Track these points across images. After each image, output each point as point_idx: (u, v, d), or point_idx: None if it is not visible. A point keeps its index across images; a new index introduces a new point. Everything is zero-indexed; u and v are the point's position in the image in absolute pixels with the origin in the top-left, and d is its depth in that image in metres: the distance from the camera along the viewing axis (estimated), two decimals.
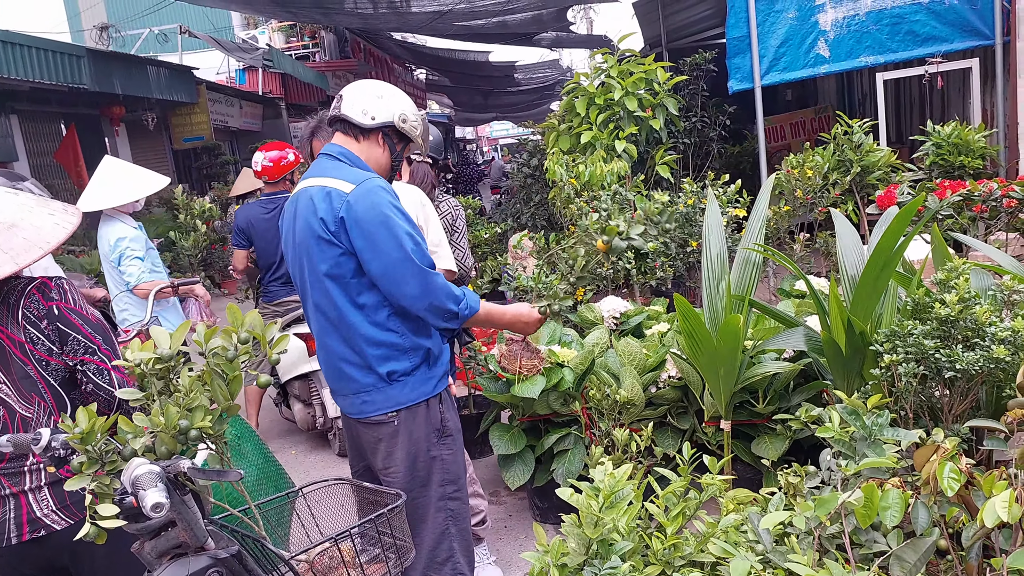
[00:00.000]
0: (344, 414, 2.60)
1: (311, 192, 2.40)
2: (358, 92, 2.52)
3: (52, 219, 2.03)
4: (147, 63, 12.17)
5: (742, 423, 3.54)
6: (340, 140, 2.53)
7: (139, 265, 4.28)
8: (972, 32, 6.82)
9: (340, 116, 2.51)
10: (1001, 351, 2.31)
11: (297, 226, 2.44)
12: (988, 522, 1.43)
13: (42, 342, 2.02)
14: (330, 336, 2.45)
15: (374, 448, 2.51)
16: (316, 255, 2.37)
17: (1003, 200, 4.35)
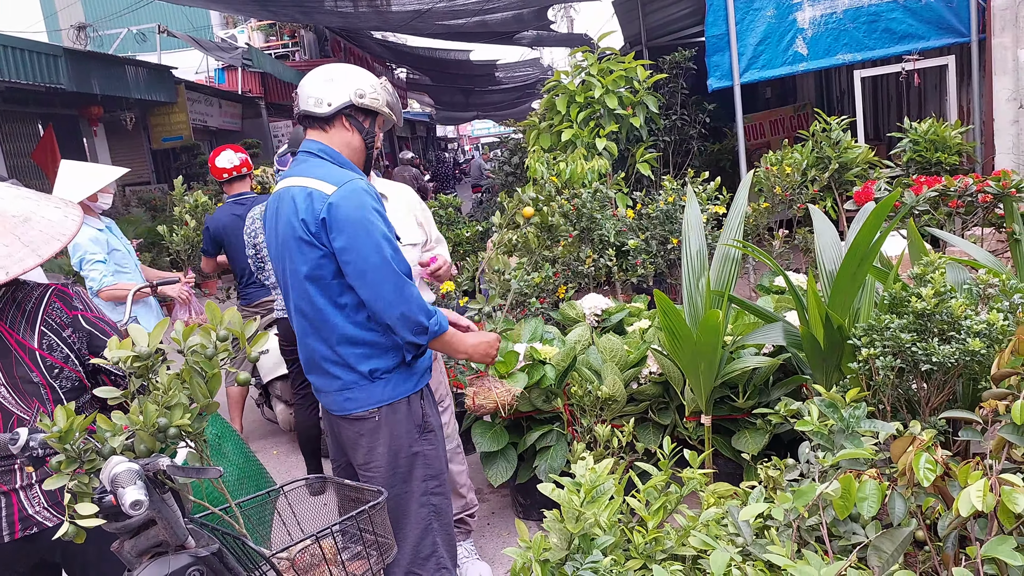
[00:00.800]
0: (326, 412, 2.58)
1: (293, 192, 2.37)
2: (308, 83, 2.47)
3: (60, 211, 2.03)
4: (125, 63, 12.07)
5: (722, 418, 3.56)
6: (313, 135, 2.49)
7: (100, 269, 4.17)
8: (948, 30, 6.90)
9: (300, 113, 2.49)
10: (976, 344, 2.34)
11: (279, 226, 2.41)
12: (963, 512, 1.45)
13: (60, 350, 2.04)
14: (311, 336, 2.44)
15: (355, 444, 2.49)
16: (297, 257, 2.35)
17: (978, 195, 4.40)
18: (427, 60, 19.34)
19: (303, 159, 2.46)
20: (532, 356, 3.62)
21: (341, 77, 2.46)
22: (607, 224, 5.35)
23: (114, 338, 1.65)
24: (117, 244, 4.43)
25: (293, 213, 2.34)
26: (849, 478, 1.66)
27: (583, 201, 5.32)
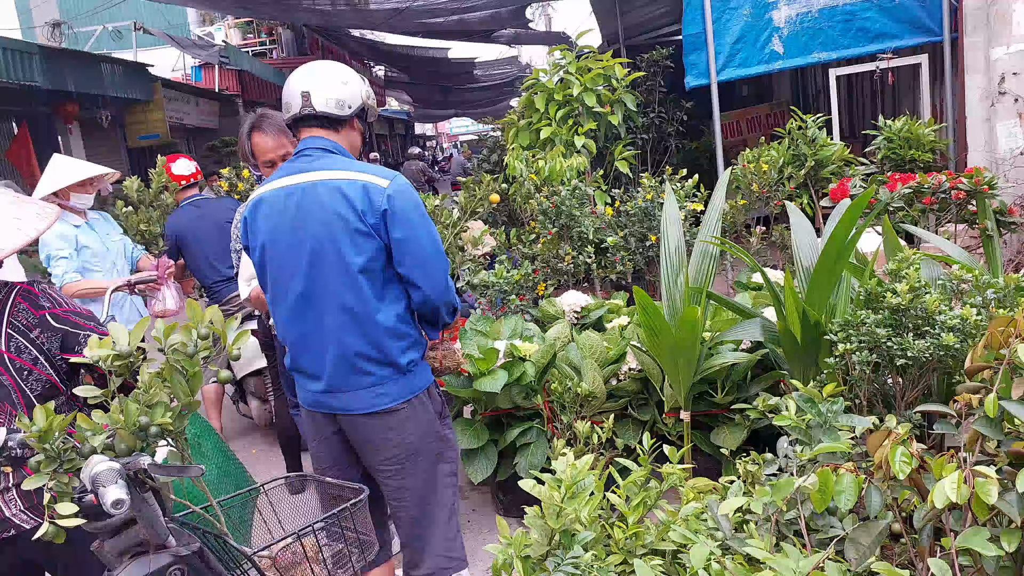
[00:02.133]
0: (336, 415, 2.48)
1: (337, 185, 2.33)
2: (325, 84, 2.42)
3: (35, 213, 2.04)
4: (101, 60, 11.92)
5: (701, 414, 3.58)
6: (320, 133, 2.45)
7: (63, 265, 4.12)
8: (921, 29, 6.98)
9: (316, 114, 2.42)
10: (950, 338, 2.37)
11: (312, 219, 2.35)
12: (938, 504, 1.48)
13: (28, 351, 2.01)
14: (351, 333, 2.38)
15: (380, 440, 2.46)
16: (349, 249, 2.33)
17: (952, 192, 4.46)
18: (405, 58, 19.28)
19: (317, 155, 2.42)
20: (512, 353, 3.63)
21: (351, 78, 2.48)
22: (586, 221, 5.37)
23: (93, 337, 1.64)
24: (91, 242, 4.31)
25: (345, 205, 2.32)
26: (826, 472, 1.68)
27: (562, 199, 5.34)
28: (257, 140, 3.21)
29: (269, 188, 2.44)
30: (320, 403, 2.48)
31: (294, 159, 2.45)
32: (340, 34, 17.21)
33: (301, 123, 2.46)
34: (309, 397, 2.51)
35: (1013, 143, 6.05)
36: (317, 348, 2.42)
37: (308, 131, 2.46)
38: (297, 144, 2.48)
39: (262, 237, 2.43)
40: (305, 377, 2.50)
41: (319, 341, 2.41)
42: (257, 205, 2.45)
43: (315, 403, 2.50)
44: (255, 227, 2.45)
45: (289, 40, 18.83)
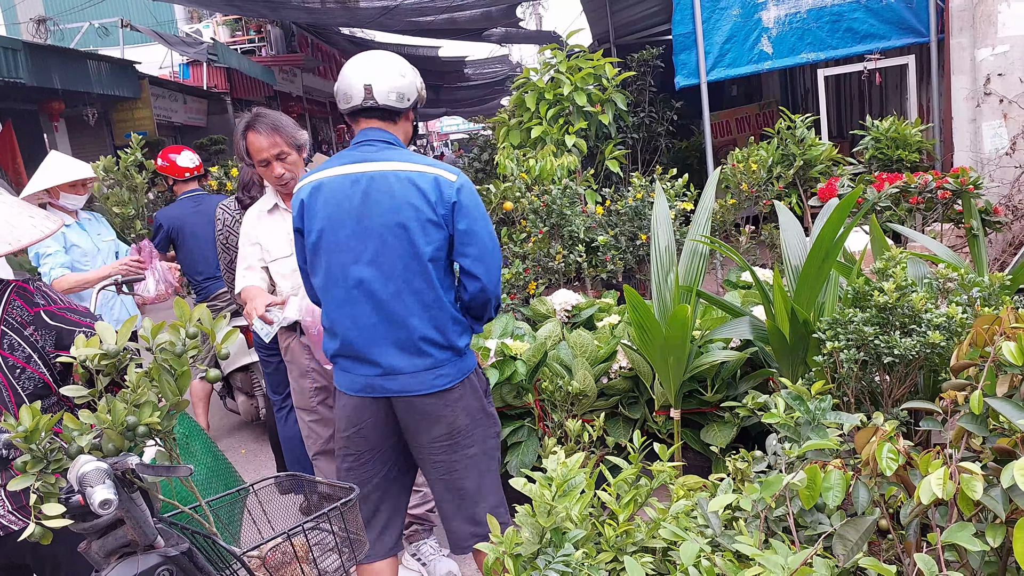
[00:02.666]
0: (390, 398, 2.53)
1: (408, 176, 2.41)
2: (386, 77, 2.48)
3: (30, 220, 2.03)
4: (87, 57, 11.86)
5: (691, 411, 3.60)
6: (379, 124, 2.53)
7: (50, 262, 4.09)
8: (908, 30, 7.02)
9: (378, 106, 2.49)
10: (936, 336, 2.39)
11: (382, 207, 2.41)
12: (924, 499, 1.49)
13: (22, 349, 2.00)
14: (418, 317, 2.46)
15: (435, 419, 2.54)
16: (421, 238, 2.41)
17: (938, 192, 4.48)
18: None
19: (380, 147, 2.48)
20: (503, 352, 3.63)
21: (408, 70, 2.55)
22: (577, 220, 5.38)
23: (80, 336, 1.63)
24: (81, 241, 4.27)
25: (418, 195, 2.40)
26: (814, 469, 1.69)
27: (553, 198, 5.35)
28: (252, 139, 3.20)
29: (329, 174, 2.47)
30: (372, 387, 2.51)
31: (354, 148, 2.51)
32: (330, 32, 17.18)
33: (360, 114, 2.51)
34: (358, 382, 2.52)
35: (998, 143, 6.09)
36: (376, 332, 2.47)
37: (367, 122, 2.52)
38: (358, 133, 2.54)
39: (321, 222, 2.45)
40: (356, 362, 2.51)
41: (381, 326, 2.46)
42: (317, 190, 2.47)
43: (365, 387, 2.52)
44: (313, 211, 2.47)
45: (278, 38, 18.78)
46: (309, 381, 3.37)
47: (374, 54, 2.56)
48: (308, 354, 3.35)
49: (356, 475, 2.60)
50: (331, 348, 2.56)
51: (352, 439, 2.60)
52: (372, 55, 2.56)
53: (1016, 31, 6.03)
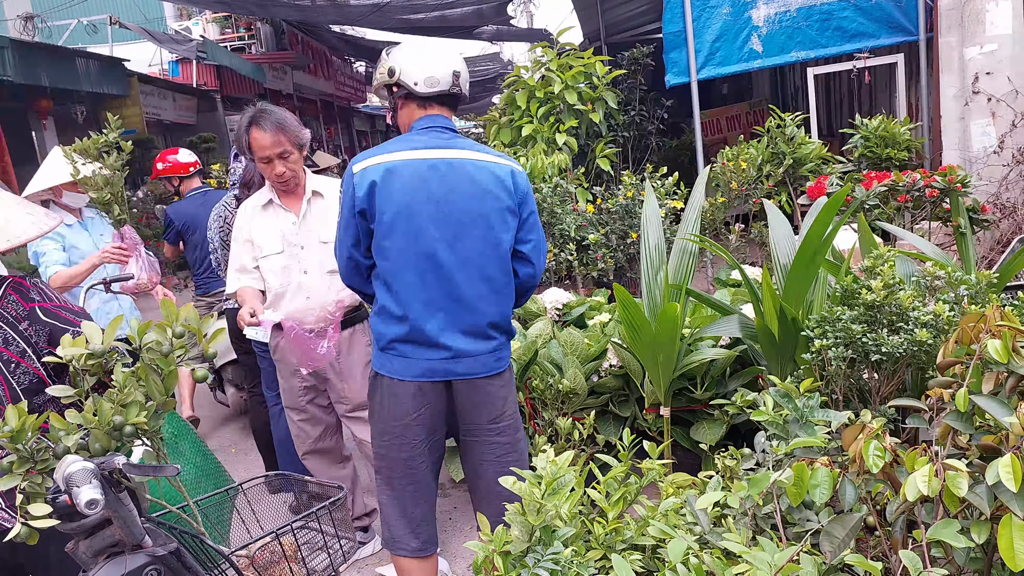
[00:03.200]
0: (452, 381, 2.56)
1: (487, 165, 2.51)
2: (464, 66, 2.56)
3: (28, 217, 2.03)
4: (75, 55, 11.79)
5: (681, 409, 3.60)
6: (447, 112, 2.60)
7: (46, 260, 4.03)
8: (897, 28, 7.05)
9: (461, 93, 2.58)
10: (923, 334, 2.40)
11: (463, 194, 2.46)
12: (910, 496, 1.50)
13: (16, 344, 2.00)
14: (489, 302, 2.53)
15: (494, 399, 2.61)
16: (500, 226, 2.50)
17: (926, 190, 4.51)
18: None
19: (449, 134, 2.54)
20: None
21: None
22: (568, 219, 5.38)
23: (67, 335, 1.62)
24: (81, 242, 4.17)
25: (499, 185, 2.50)
26: (802, 466, 1.69)
27: (544, 196, 5.35)
28: (256, 136, 3.17)
29: (401, 157, 2.47)
30: (435, 371, 2.52)
31: (423, 133, 2.53)
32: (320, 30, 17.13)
33: (434, 99, 2.55)
34: (418, 366, 2.52)
35: (986, 141, 6.12)
36: (449, 317, 2.50)
37: (437, 108, 2.58)
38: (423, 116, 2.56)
39: (397, 205, 2.44)
40: (420, 347, 2.51)
41: (453, 310, 2.50)
42: (390, 172, 2.45)
43: (428, 371, 2.52)
44: (387, 193, 2.44)
45: (268, 35, 18.71)
46: (299, 380, 3.36)
47: (439, 42, 2.63)
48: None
49: (412, 466, 2.61)
50: (394, 333, 2.52)
51: (410, 427, 2.58)
52: (446, 42, 2.63)
53: (1004, 30, 6.06)
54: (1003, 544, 1.41)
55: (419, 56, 2.53)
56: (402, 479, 2.62)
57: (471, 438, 2.65)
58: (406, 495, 2.63)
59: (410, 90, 2.53)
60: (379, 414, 2.61)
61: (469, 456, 2.70)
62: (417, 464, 2.60)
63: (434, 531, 2.73)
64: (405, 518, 2.64)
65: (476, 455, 2.66)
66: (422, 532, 2.67)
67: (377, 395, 2.60)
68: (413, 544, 2.64)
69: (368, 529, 3.61)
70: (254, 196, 3.40)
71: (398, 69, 2.53)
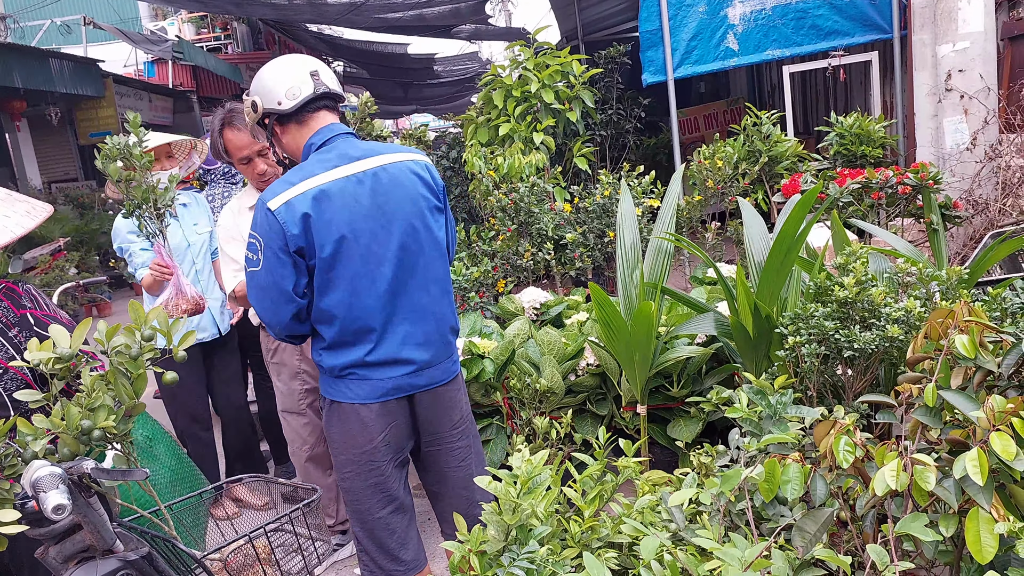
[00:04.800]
0: (414, 394, 2.45)
1: (406, 166, 2.40)
2: (321, 65, 2.42)
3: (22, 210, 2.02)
4: (49, 55, 11.66)
5: (658, 407, 3.62)
6: (333, 117, 2.43)
7: (134, 261, 3.72)
8: (872, 26, 7.11)
9: (329, 92, 2.40)
10: (895, 330, 2.43)
11: (397, 201, 2.34)
12: (879, 491, 1.51)
13: (5, 350, 1.98)
14: (443, 305, 2.49)
15: (453, 404, 2.56)
16: (435, 225, 2.45)
17: (899, 187, 4.55)
18: (364, 53, 19.13)
19: (352, 140, 2.40)
20: (471, 350, 3.63)
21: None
22: (545, 218, 5.38)
23: (33, 340, 1.61)
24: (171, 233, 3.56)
25: (421, 184, 2.42)
26: (773, 462, 1.71)
27: (521, 195, 5.35)
28: (230, 136, 3.10)
29: (325, 179, 2.27)
30: (400, 388, 2.40)
31: (328, 148, 2.35)
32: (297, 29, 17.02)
33: (309, 108, 2.37)
34: (383, 386, 2.38)
35: (959, 138, 6.19)
36: (413, 329, 2.40)
37: (325, 116, 2.40)
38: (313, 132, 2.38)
39: (340, 230, 2.25)
40: (385, 366, 2.37)
41: (417, 321, 2.40)
42: (320, 199, 2.24)
43: (393, 390, 2.39)
44: (326, 221, 2.25)
45: (244, 35, 18.59)
46: (299, 383, 3.34)
47: (286, 56, 2.46)
48: (299, 355, 3.31)
49: (385, 489, 2.46)
50: (351, 359, 2.35)
51: (379, 450, 2.42)
52: (284, 57, 2.46)
53: (976, 27, 6.13)
54: (970, 537, 1.43)
55: (271, 76, 2.37)
56: (377, 505, 2.45)
57: (434, 447, 2.55)
58: (382, 521, 2.46)
59: (277, 112, 2.37)
60: (341, 443, 2.43)
61: (432, 466, 2.59)
62: (390, 484, 2.46)
63: (420, 544, 2.59)
64: (385, 548, 2.47)
65: (441, 463, 2.57)
66: (408, 548, 2.52)
67: (336, 424, 2.43)
68: (403, 565, 2.50)
69: (348, 532, 3.59)
70: (237, 199, 3.33)
71: (258, 99, 2.38)
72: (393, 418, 2.42)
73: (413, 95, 26.11)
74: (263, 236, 2.25)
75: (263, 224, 2.25)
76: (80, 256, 9.35)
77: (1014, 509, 1.62)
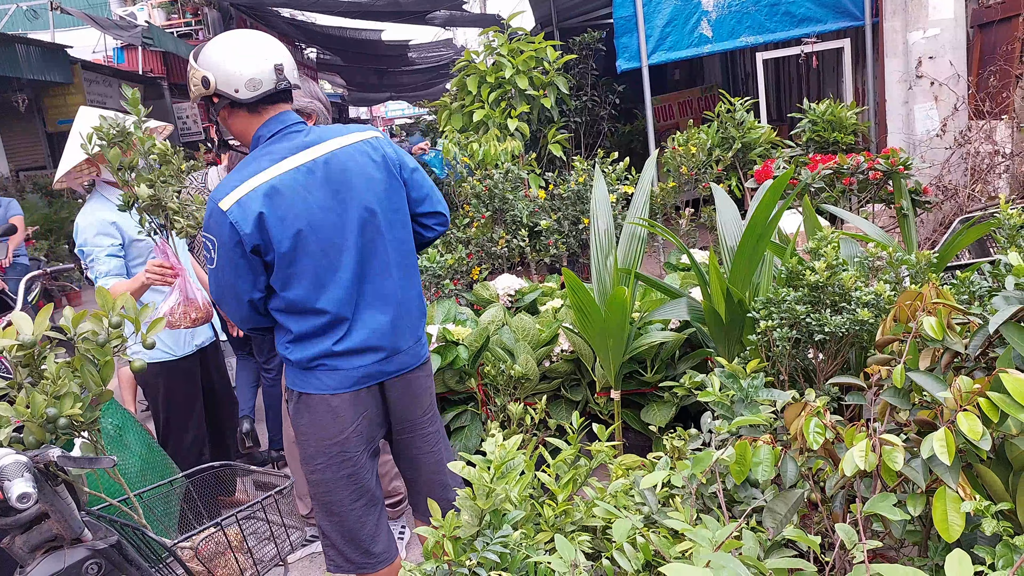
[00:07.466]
0: (384, 382, 2.41)
1: (357, 148, 2.32)
2: (286, 54, 2.30)
3: None
4: (15, 41, 11.44)
5: (631, 392, 3.64)
6: (287, 107, 2.35)
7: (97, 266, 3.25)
8: (844, 14, 7.16)
9: (291, 86, 2.31)
10: (865, 314, 2.45)
11: (353, 186, 2.27)
12: (847, 471, 1.53)
13: None
14: (409, 288, 2.44)
15: (424, 391, 2.53)
16: (395, 202, 2.37)
17: (869, 173, 4.59)
18: (338, 40, 18.95)
19: (303, 128, 2.32)
20: (445, 337, 3.62)
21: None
22: (520, 205, 5.38)
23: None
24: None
25: (372, 164, 2.32)
26: (744, 444, 1.72)
27: (495, 182, 5.34)
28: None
29: (274, 173, 2.20)
30: (371, 375, 2.36)
31: (282, 137, 2.28)
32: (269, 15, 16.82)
33: (266, 101, 2.29)
34: (352, 376, 2.34)
35: (929, 125, 6.26)
36: (380, 316, 2.35)
37: (278, 107, 2.32)
38: (262, 123, 2.30)
39: (296, 224, 2.19)
40: (354, 355, 2.33)
41: (383, 307, 2.35)
42: (272, 195, 2.18)
43: (364, 378, 2.35)
44: (279, 217, 2.18)
45: (215, 20, 18.31)
46: None
47: (247, 34, 2.31)
48: None
49: (358, 481, 2.42)
50: (320, 349, 2.30)
51: (349, 440, 2.38)
52: (254, 33, 2.32)
53: (946, 14, 6.19)
54: (938, 516, 1.44)
55: (233, 57, 2.23)
56: (349, 498, 2.41)
57: (406, 435, 2.52)
58: (354, 514, 2.43)
59: (231, 99, 2.25)
60: (310, 435, 2.37)
61: (404, 453, 2.56)
62: (363, 476, 2.42)
63: (391, 536, 2.56)
64: (356, 541, 2.44)
65: (413, 450, 2.55)
66: (379, 541, 2.49)
67: (305, 416, 2.36)
68: (373, 558, 2.46)
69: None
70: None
71: (212, 78, 2.24)
72: (364, 407, 2.38)
73: (388, 82, 25.94)
74: (216, 236, 2.20)
75: (216, 224, 2.19)
76: (48, 245, 9.22)
77: (980, 488, 1.64)
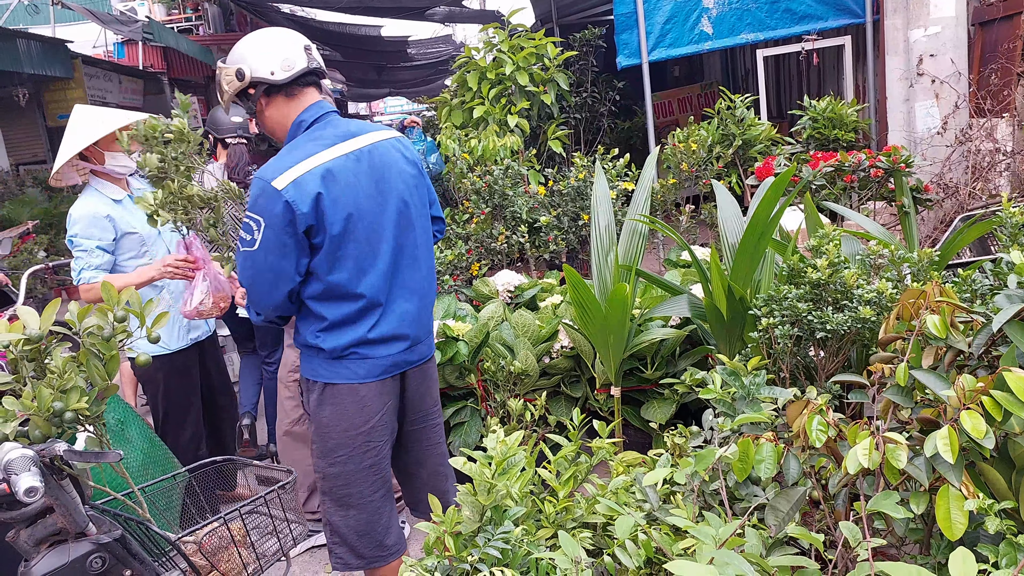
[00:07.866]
0: (406, 371, 2.46)
1: (392, 144, 2.42)
2: (307, 39, 2.40)
3: None
4: (16, 36, 11.41)
5: (632, 389, 3.64)
6: (320, 96, 2.43)
7: (81, 261, 3.20)
8: (845, 11, 7.15)
9: (317, 69, 2.39)
10: (867, 311, 2.45)
11: (391, 178, 2.36)
12: (851, 469, 1.53)
13: None
14: (430, 279, 2.53)
15: (434, 382, 2.60)
16: (419, 201, 2.47)
17: (871, 170, 4.59)
18: (337, 35, 18.92)
19: (346, 120, 2.41)
20: (445, 333, 3.63)
21: None
22: (519, 201, 5.38)
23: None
24: (137, 223, 3.22)
25: (406, 161, 2.44)
26: (747, 442, 1.72)
27: (495, 178, 5.34)
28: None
29: (328, 156, 2.25)
30: (397, 364, 2.41)
31: (325, 123, 2.35)
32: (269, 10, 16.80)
33: (300, 83, 2.34)
34: (381, 364, 2.37)
35: (930, 122, 6.26)
36: (407, 305, 2.42)
37: (313, 93, 2.39)
38: (303, 108, 2.35)
39: (347, 208, 2.24)
40: (385, 343, 2.37)
41: (410, 297, 2.43)
42: (328, 177, 2.22)
43: (391, 366, 2.39)
44: (333, 200, 2.22)
45: (216, 16, 18.31)
46: (295, 353, 3.35)
47: (267, 29, 2.41)
48: None
49: (379, 471, 2.45)
50: (352, 338, 2.32)
51: (375, 430, 2.40)
52: (267, 30, 2.40)
53: (947, 12, 6.18)
54: (941, 514, 1.45)
55: (263, 44, 2.32)
56: (370, 489, 2.41)
57: (417, 426, 2.56)
58: (373, 505, 2.43)
59: (269, 82, 2.31)
60: (332, 427, 2.37)
61: (413, 446, 2.58)
62: (383, 466, 2.45)
63: (400, 529, 2.58)
64: (371, 534, 2.44)
65: (423, 442, 2.58)
66: (391, 533, 2.50)
67: (328, 408, 2.37)
68: (386, 551, 2.47)
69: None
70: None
71: (246, 68, 2.30)
72: (389, 396, 2.44)
73: (387, 78, 25.91)
74: (265, 215, 2.18)
75: (267, 202, 2.18)
76: (49, 239, 9.20)
77: (983, 486, 1.65)
